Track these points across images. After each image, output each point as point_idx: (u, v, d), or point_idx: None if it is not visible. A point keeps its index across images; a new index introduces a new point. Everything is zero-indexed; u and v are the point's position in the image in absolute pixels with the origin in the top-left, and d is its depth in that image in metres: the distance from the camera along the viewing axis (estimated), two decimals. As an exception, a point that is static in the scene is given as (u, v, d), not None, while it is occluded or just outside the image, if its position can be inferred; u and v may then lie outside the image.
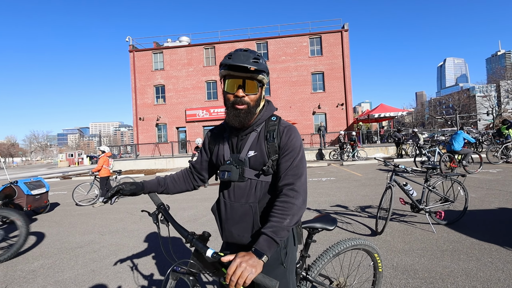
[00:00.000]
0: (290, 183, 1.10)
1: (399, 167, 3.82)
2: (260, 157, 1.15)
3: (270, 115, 1.22)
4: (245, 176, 1.16)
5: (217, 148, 1.28)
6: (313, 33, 22.79)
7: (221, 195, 1.25)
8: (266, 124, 1.20)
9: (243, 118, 1.13)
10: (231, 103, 1.13)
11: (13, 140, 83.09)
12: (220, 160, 1.24)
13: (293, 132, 1.17)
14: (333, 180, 8.68)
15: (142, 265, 3.23)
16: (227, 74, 1.11)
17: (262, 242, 0.96)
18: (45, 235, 4.83)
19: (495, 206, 4.61)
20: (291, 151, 1.13)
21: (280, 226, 1.00)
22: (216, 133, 1.32)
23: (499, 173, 7.94)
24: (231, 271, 0.86)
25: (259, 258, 0.91)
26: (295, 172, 1.11)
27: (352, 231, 3.87)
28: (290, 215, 1.03)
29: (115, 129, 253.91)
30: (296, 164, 1.12)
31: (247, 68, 1.05)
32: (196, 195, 7.62)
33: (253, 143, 1.17)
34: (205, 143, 1.37)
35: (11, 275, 3.19)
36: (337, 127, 21.75)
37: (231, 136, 1.24)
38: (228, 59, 1.08)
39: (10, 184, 6.18)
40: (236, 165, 1.17)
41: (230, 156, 1.21)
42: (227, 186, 1.22)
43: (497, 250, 2.98)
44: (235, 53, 1.09)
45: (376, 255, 1.78)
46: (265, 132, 1.18)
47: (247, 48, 1.14)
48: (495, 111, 39.75)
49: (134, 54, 24.15)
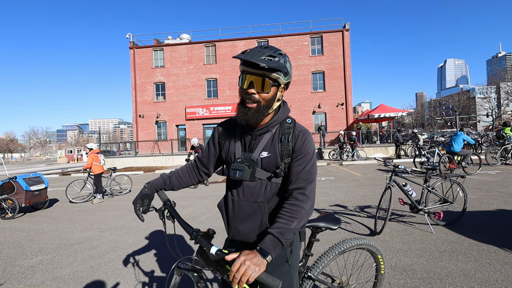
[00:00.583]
0: (301, 187, 1.09)
1: (398, 168, 3.83)
2: (273, 159, 1.13)
3: (285, 117, 1.20)
4: (256, 176, 1.15)
5: (227, 144, 1.25)
6: (314, 32, 22.74)
7: (229, 193, 1.24)
8: (281, 126, 1.17)
9: (251, 117, 1.09)
10: (242, 99, 1.11)
11: (12, 135, 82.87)
12: (231, 157, 1.22)
13: (307, 136, 1.16)
14: (332, 180, 8.69)
15: (141, 262, 3.23)
16: (243, 70, 1.09)
17: (268, 242, 0.97)
18: (44, 231, 4.83)
19: (494, 208, 4.62)
20: (304, 156, 1.13)
21: (287, 228, 1.01)
22: (228, 128, 1.28)
23: (498, 174, 7.96)
24: (235, 268, 0.86)
25: (263, 257, 0.91)
26: (306, 177, 1.11)
27: (351, 231, 3.88)
28: (298, 219, 1.04)
29: (114, 126, 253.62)
30: (308, 169, 1.12)
31: (258, 65, 1.02)
32: (195, 193, 7.63)
33: (267, 144, 1.15)
34: (214, 137, 1.32)
35: (10, 271, 3.19)
36: (337, 126, 21.76)
37: (243, 134, 1.20)
38: (242, 54, 1.05)
39: (9, 179, 6.17)
40: (248, 164, 1.15)
41: (242, 154, 1.18)
42: (236, 184, 1.20)
43: (495, 251, 2.98)
44: (254, 48, 1.07)
45: (380, 257, 1.77)
46: (280, 134, 1.16)
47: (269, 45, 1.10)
48: (495, 113, 39.81)
49: (134, 51, 24.08)
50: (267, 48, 1.07)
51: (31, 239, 4.37)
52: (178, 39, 25.21)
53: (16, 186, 6.10)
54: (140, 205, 1.26)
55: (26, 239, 4.41)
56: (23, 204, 6.02)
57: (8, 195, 6.02)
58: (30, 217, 5.98)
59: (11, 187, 6.12)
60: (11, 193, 6.06)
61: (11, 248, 3.99)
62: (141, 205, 1.26)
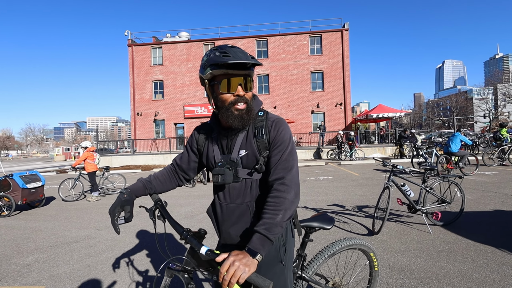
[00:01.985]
0: (280, 177, 1.06)
1: (397, 168, 3.83)
2: (252, 155, 1.11)
3: (258, 111, 1.17)
4: (239, 176, 1.13)
5: (206, 149, 1.23)
6: (313, 31, 22.73)
7: (216, 197, 1.22)
8: (254, 120, 1.15)
9: (246, 118, 1.09)
10: (230, 103, 1.07)
11: (8, 133, 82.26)
12: (211, 162, 1.20)
13: (281, 125, 1.12)
14: (330, 179, 8.70)
15: (137, 261, 3.21)
16: (223, 74, 1.05)
17: (255, 241, 0.94)
18: (41, 229, 4.79)
19: (491, 208, 4.65)
20: (280, 144, 1.10)
21: (273, 223, 0.98)
22: (204, 133, 1.26)
23: (495, 175, 8.01)
24: (224, 270, 0.84)
25: (253, 257, 0.89)
26: (285, 165, 1.08)
27: (349, 231, 3.88)
28: (282, 210, 1.00)
29: (112, 124, 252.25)
30: (286, 158, 1.08)
31: (246, 65, 1.02)
32: (193, 192, 7.61)
33: (243, 142, 1.13)
34: (192, 143, 1.29)
35: (5, 269, 3.16)
36: (335, 126, 21.79)
37: (220, 137, 1.19)
38: (225, 57, 1.00)
39: (5, 177, 6.12)
40: (228, 166, 1.13)
41: (221, 157, 1.17)
42: (221, 188, 1.18)
43: (493, 251, 3.00)
44: (230, 50, 1.03)
45: (372, 254, 1.78)
46: (253, 129, 1.13)
47: (230, 45, 1.08)
48: (492, 114, 40.07)
49: (132, 48, 23.93)
50: (236, 47, 1.06)
51: (27, 237, 4.33)
52: (177, 37, 25.08)
53: (12, 184, 6.04)
54: (119, 214, 1.17)
55: (22, 237, 4.38)
56: (20, 202, 5.97)
57: (4, 193, 5.97)
58: (27, 215, 5.93)
59: (7, 185, 6.06)
60: (8, 191, 6.01)
61: (7, 246, 3.95)
62: (119, 214, 1.17)
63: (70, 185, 7.60)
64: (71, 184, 7.57)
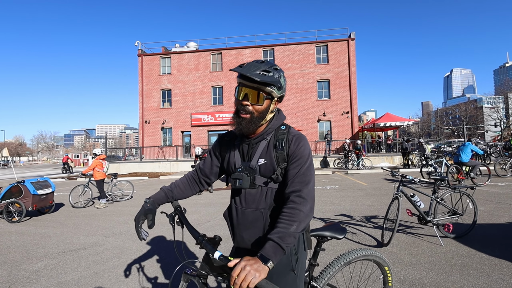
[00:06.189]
0: (297, 190, 1.10)
1: (406, 178, 3.77)
2: (269, 165, 1.17)
3: (280, 124, 1.25)
4: (256, 183, 1.19)
5: (228, 155, 1.31)
6: (319, 41, 22.94)
7: (232, 201, 1.28)
8: (276, 133, 1.22)
9: (244, 126, 1.16)
10: (236, 109, 1.18)
11: (21, 139, 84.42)
12: (232, 167, 1.27)
13: (301, 140, 1.19)
14: (337, 189, 8.60)
15: (145, 269, 3.21)
16: (239, 82, 1.15)
17: (268, 248, 0.96)
18: (49, 235, 4.85)
19: (505, 221, 4.50)
20: (299, 159, 1.15)
21: (287, 232, 1.00)
22: (228, 140, 1.35)
23: (508, 186, 7.78)
24: (235, 274, 0.87)
25: (264, 264, 0.91)
26: (302, 179, 1.12)
27: (358, 242, 3.81)
28: (297, 222, 1.03)
29: (120, 132, 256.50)
30: (304, 172, 1.13)
31: (253, 79, 1.08)
32: (200, 200, 7.61)
33: (263, 151, 1.20)
34: (215, 149, 1.39)
35: (15, 275, 3.20)
36: (342, 135, 21.66)
37: (242, 144, 1.26)
38: (239, 67, 1.12)
39: (18, 183, 6.26)
40: (247, 172, 1.20)
41: (241, 163, 1.24)
42: (238, 193, 1.25)
43: (508, 266, 2.89)
44: (251, 62, 1.14)
45: (387, 268, 1.73)
46: (275, 141, 1.20)
47: (266, 60, 1.17)
48: (503, 123, 39.21)
49: (142, 58, 24.55)
50: (263, 62, 1.14)
51: (37, 243, 4.39)
52: (186, 47, 25.64)
53: (23, 190, 6.17)
54: (143, 222, 1.26)
55: (31, 243, 4.44)
56: (30, 208, 6.08)
57: (15, 199, 6.09)
58: (36, 221, 6.03)
59: (19, 191, 6.20)
60: (19, 197, 6.14)
61: (17, 252, 4.01)
62: (144, 221, 1.27)
63: (80, 191, 7.72)
64: (81, 191, 7.69)
